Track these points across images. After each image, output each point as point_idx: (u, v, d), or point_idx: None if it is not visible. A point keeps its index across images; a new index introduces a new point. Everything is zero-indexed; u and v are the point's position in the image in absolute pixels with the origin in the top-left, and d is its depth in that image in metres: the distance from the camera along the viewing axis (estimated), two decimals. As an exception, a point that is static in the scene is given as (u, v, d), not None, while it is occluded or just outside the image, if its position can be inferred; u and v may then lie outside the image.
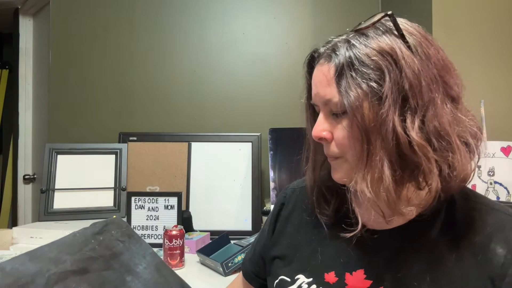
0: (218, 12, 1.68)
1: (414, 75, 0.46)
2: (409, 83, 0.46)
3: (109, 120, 1.66)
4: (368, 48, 0.47)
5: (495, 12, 1.21)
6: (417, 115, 0.46)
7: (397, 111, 0.46)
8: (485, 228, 0.49)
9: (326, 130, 0.52)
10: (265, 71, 1.66)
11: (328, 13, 1.68)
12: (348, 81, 0.47)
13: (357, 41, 0.48)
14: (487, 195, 1.18)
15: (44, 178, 1.38)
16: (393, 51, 0.47)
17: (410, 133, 0.45)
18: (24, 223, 2.04)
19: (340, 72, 0.48)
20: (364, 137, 0.47)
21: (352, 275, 0.53)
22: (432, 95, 0.46)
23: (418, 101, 0.46)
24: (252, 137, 1.53)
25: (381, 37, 0.48)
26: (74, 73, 1.68)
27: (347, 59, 0.48)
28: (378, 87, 0.46)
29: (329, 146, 0.53)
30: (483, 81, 1.19)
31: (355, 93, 0.46)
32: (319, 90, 0.52)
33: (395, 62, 0.46)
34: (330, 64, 0.50)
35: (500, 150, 1.20)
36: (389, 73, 0.46)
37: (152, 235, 1.31)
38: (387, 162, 0.46)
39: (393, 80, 0.46)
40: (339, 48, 0.49)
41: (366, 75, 0.46)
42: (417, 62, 0.47)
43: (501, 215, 0.50)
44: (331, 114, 0.52)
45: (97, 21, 1.68)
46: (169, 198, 1.33)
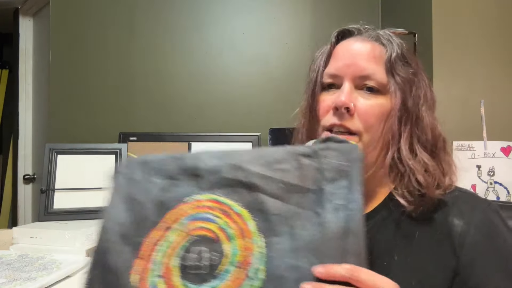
0: (218, 12, 1.68)
1: (427, 79, 0.57)
2: (429, 89, 0.57)
3: (109, 120, 1.65)
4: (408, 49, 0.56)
5: (495, 12, 1.21)
6: (435, 115, 0.55)
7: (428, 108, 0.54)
8: (443, 205, 0.52)
9: (352, 101, 0.52)
10: (265, 71, 1.66)
11: (328, 13, 1.68)
12: (398, 67, 0.53)
13: (397, 39, 0.57)
14: (487, 195, 1.18)
15: (44, 178, 1.38)
16: (420, 63, 0.57)
17: (437, 124, 0.54)
18: (24, 223, 2.04)
19: (392, 57, 0.53)
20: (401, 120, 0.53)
21: None
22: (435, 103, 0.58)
23: (433, 104, 0.56)
24: (252, 137, 1.52)
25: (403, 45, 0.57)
26: (74, 73, 1.68)
27: (396, 49, 0.54)
28: (417, 80, 0.54)
29: (350, 119, 0.53)
30: (483, 81, 1.19)
31: (405, 79, 0.53)
32: (359, 62, 0.53)
33: (422, 68, 0.57)
34: (379, 45, 0.55)
35: (500, 150, 1.20)
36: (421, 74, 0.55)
37: (152, 235, 1.32)
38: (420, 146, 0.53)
39: (424, 81, 0.55)
40: (390, 37, 0.56)
41: (409, 67, 0.54)
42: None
43: (455, 192, 0.53)
44: (358, 88, 0.54)
45: (97, 21, 1.68)
46: (169, 198, 1.33)
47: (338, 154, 0.42)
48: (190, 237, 0.42)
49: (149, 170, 0.46)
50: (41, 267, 0.98)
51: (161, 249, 0.42)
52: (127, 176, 0.47)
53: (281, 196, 0.41)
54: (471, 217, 0.50)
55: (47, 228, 1.19)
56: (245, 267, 0.39)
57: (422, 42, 1.25)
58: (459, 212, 0.50)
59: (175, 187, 0.45)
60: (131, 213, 0.45)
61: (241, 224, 0.41)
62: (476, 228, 0.49)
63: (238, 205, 0.42)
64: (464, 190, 0.54)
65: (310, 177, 0.42)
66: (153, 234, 0.43)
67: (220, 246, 0.40)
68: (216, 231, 0.41)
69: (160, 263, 0.41)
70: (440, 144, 0.54)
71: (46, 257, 1.06)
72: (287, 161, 0.44)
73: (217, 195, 0.43)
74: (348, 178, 0.41)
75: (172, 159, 0.46)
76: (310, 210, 0.40)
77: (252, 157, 0.44)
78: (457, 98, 1.18)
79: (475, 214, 0.50)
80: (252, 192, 0.42)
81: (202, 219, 0.42)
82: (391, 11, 1.59)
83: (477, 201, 0.52)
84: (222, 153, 0.46)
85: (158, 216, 0.44)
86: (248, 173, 0.43)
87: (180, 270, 0.41)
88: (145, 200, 0.45)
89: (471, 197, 0.53)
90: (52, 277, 0.92)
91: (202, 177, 0.44)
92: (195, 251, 0.41)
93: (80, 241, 1.12)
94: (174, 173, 0.45)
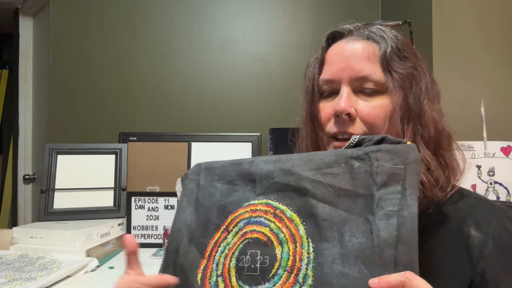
0: (218, 12, 1.68)
1: (429, 71, 0.54)
2: (429, 76, 0.54)
3: (109, 120, 1.65)
4: (405, 42, 0.53)
5: (495, 12, 1.21)
6: (439, 109, 0.53)
7: (431, 102, 0.52)
8: (457, 213, 0.51)
9: (352, 106, 0.51)
10: (265, 71, 1.66)
11: (328, 13, 1.68)
12: (395, 63, 0.50)
13: (392, 33, 0.54)
14: (487, 195, 1.18)
15: (44, 178, 1.38)
16: (418, 53, 0.54)
17: (441, 118, 0.52)
18: (24, 223, 2.04)
19: (388, 54, 0.51)
20: (404, 117, 0.50)
21: None
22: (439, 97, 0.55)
23: (436, 98, 0.54)
24: (252, 137, 1.53)
25: (404, 37, 0.55)
26: (74, 73, 1.68)
27: (391, 44, 0.51)
28: (416, 74, 0.51)
29: (353, 125, 0.51)
30: (483, 81, 1.19)
31: (403, 75, 0.50)
32: (354, 64, 0.51)
33: (422, 60, 0.53)
34: (372, 43, 0.52)
35: (500, 150, 1.19)
36: (421, 66, 0.52)
37: (152, 235, 1.31)
38: (424, 144, 0.50)
39: (425, 73, 0.52)
40: (378, 32, 0.53)
41: (407, 61, 0.51)
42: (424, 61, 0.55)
43: (470, 200, 0.52)
44: (356, 91, 0.52)
45: (97, 21, 1.68)
46: (169, 198, 1.33)
47: (392, 156, 0.40)
48: (246, 240, 0.44)
49: (212, 176, 0.49)
50: (41, 267, 0.98)
51: (221, 250, 0.44)
52: (195, 181, 0.51)
53: (331, 201, 0.41)
54: (489, 227, 0.48)
55: (47, 228, 1.19)
56: (294, 272, 0.39)
57: (422, 42, 1.25)
58: (476, 222, 0.49)
59: (234, 191, 0.47)
60: (197, 216, 0.48)
61: (292, 229, 0.42)
62: (494, 239, 0.48)
63: (289, 209, 0.43)
64: (479, 197, 0.53)
65: (361, 181, 0.40)
66: (216, 236, 0.46)
67: (273, 250, 0.41)
68: (269, 235, 0.42)
69: (220, 263, 0.44)
70: (443, 140, 0.52)
71: (46, 257, 1.07)
72: (338, 165, 0.42)
73: (271, 199, 0.44)
74: (402, 182, 0.39)
75: (231, 165, 0.49)
76: (361, 216, 0.39)
77: (303, 161, 0.44)
78: (457, 98, 1.18)
79: (493, 225, 0.49)
80: (303, 196, 0.42)
81: (257, 223, 0.44)
82: (391, 11, 1.59)
83: (494, 210, 0.51)
84: (275, 158, 0.47)
85: (220, 219, 0.46)
86: (298, 177, 0.43)
87: (236, 271, 0.42)
88: (210, 204, 0.48)
89: (488, 206, 0.52)
90: (52, 277, 0.92)
91: (258, 182, 0.46)
92: (250, 254, 0.42)
93: (80, 241, 1.12)
94: (233, 178, 0.48)
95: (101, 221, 1.28)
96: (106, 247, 1.23)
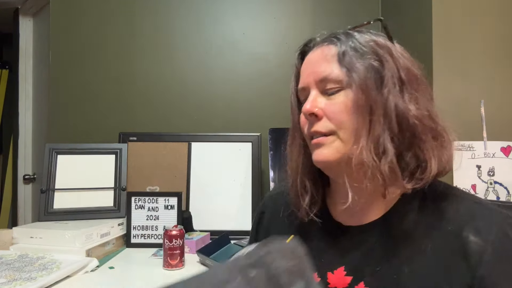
0: (218, 12, 1.68)
1: (406, 65, 0.52)
2: (405, 72, 0.52)
3: (109, 120, 1.66)
4: (366, 39, 0.53)
5: (495, 12, 1.21)
6: (413, 98, 0.51)
7: (398, 92, 0.51)
8: (457, 217, 0.51)
9: (317, 106, 0.54)
10: (265, 71, 1.66)
11: (328, 13, 1.68)
12: (352, 58, 0.52)
13: (356, 34, 0.55)
14: (487, 195, 1.18)
15: (44, 178, 1.38)
16: (388, 45, 0.54)
17: (410, 108, 0.50)
18: (24, 223, 2.04)
19: (343, 51, 0.53)
20: (365, 111, 0.51)
21: (333, 274, 0.54)
22: (419, 87, 0.53)
23: (412, 87, 0.52)
24: (252, 137, 1.53)
25: (374, 35, 0.55)
26: (74, 73, 1.68)
27: (349, 44, 0.53)
28: (379, 67, 0.51)
29: (320, 123, 0.54)
30: (483, 81, 1.19)
31: (360, 69, 0.51)
32: (315, 68, 0.55)
33: (390, 53, 0.52)
34: (330, 45, 0.55)
35: (500, 150, 1.20)
36: (386, 59, 0.52)
37: (152, 235, 1.31)
38: (389, 136, 0.50)
39: (392, 66, 0.51)
40: (341, 35, 0.55)
41: (367, 56, 0.52)
42: (406, 58, 0.54)
43: (471, 204, 0.52)
44: (323, 92, 0.55)
45: (97, 21, 1.68)
46: (169, 198, 1.33)
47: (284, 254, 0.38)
48: None
49: None
50: (41, 267, 0.98)
51: None
52: None
53: None
54: (489, 234, 0.48)
55: (47, 228, 1.19)
56: None
57: (422, 41, 1.25)
58: (476, 227, 0.49)
59: None
60: None
61: None
62: (493, 246, 0.47)
63: None
64: (479, 201, 0.52)
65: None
66: None
67: None
68: None
69: None
70: (420, 131, 0.50)
71: (46, 257, 1.07)
72: (234, 279, 0.37)
73: None
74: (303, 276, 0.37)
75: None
76: None
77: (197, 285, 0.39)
78: (457, 98, 1.18)
79: (493, 231, 0.48)
80: None
81: None
82: (391, 11, 1.59)
83: (494, 216, 0.50)
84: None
85: None
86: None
87: None
88: None
89: (488, 211, 0.51)
90: (52, 277, 0.92)
91: None
92: None
93: (80, 241, 1.12)
94: None
95: (101, 221, 1.28)
96: (106, 247, 1.23)
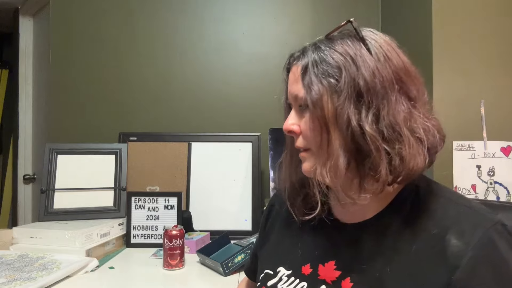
0: (218, 12, 1.68)
1: (369, 73, 0.51)
2: (364, 80, 0.50)
3: (109, 120, 1.66)
4: (332, 50, 0.53)
5: (495, 12, 1.21)
6: (371, 109, 0.50)
7: (352, 105, 0.50)
8: (445, 220, 0.50)
9: (295, 124, 0.58)
10: (265, 71, 1.66)
11: (328, 14, 1.67)
12: (311, 77, 0.53)
13: (323, 44, 0.55)
14: (487, 195, 1.18)
15: (44, 178, 1.38)
16: (352, 52, 0.52)
17: (363, 124, 0.49)
18: (24, 223, 2.04)
19: (305, 70, 0.55)
20: (323, 128, 0.52)
21: (324, 266, 0.57)
22: (386, 92, 0.51)
23: (372, 97, 0.50)
24: (252, 137, 1.53)
25: (344, 40, 0.54)
26: (74, 73, 1.68)
27: (311, 59, 0.54)
28: (335, 82, 0.51)
29: (299, 139, 0.58)
30: (483, 81, 1.19)
31: (316, 88, 0.52)
32: (290, 88, 0.59)
33: (353, 61, 0.51)
34: (298, 63, 0.57)
35: (500, 150, 1.20)
36: (346, 70, 0.51)
37: (152, 235, 1.31)
38: (342, 151, 0.50)
39: (349, 77, 0.51)
40: (307, 51, 0.57)
41: (326, 72, 0.52)
42: (374, 62, 0.51)
43: (461, 208, 0.51)
44: (299, 109, 0.58)
45: (97, 21, 1.68)
46: (169, 198, 1.33)
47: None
48: None
49: None
50: (41, 267, 0.98)
51: None
52: None
53: None
54: (471, 237, 0.47)
55: (47, 228, 1.19)
56: None
57: (422, 41, 1.25)
58: (460, 231, 0.48)
59: None
60: None
61: None
62: (474, 251, 0.46)
63: None
64: (470, 205, 0.51)
65: None
66: None
67: None
68: None
69: None
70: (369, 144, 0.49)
71: (46, 257, 1.07)
72: None
73: None
74: None
75: None
76: None
77: None
78: (457, 98, 1.18)
79: (476, 235, 0.47)
80: None
81: None
82: (391, 10, 1.59)
83: (481, 220, 0.49)
84: None
85: None
86: None
87: None
88: None
89: (475, 215, 0.50)
90: (52, 277, 0.92)
91: None
92: None
93: (80, 241, 1.12)
94: None
95: (101, 221, 1.28)
96: (106, 247, 1.23)
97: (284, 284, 0.59)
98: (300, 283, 0.58)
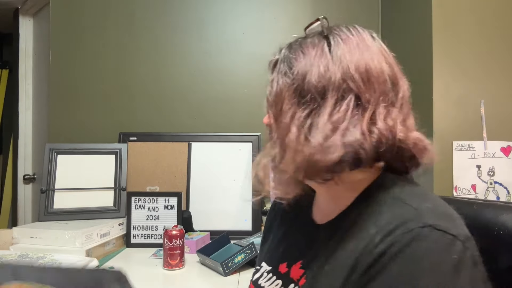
0: (218, 12, 1.68)
1: (318, 74, 0.49)
2: (308, 85, 0.50)
3: (109, 120, 1.66)
4: (295, 48, 0.55)
5: (495, 12, 1.21)
6: (312, 114, 0.49)
7: (293, 109, 0.51)
8: (384, 220, 0.46)
9: (266, 116, 0.59)
10: (265, 71, 1.66)
11: (328, 14, 1.67)
12: (272, 77, 0.57)
13: (294, 43, 0.57)
14: (487, 195, 1.18)
15: (44, 178, 1.38)
16: (313, 51, 0.52)
17: (292, 123, 0.50)
18: (24, 223, 2.04)
19: (272, 69, 0.59)
20: (273, 128, 0.55)
21: (295, 265, 0.58)
22: (324, 93, 0.49)
23: (313, 101, 0.50)
24: (252, 137, 1.53)
25: (312, 38, 0.55)
26: (74, 73, 1.68)
27: (277, 60, 0.58)
28: (285, 82, 0.53)
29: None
30: (483, 81, 1.19)
31: (270, 88, 0.56)
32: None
33: (304, 63, 0.52)
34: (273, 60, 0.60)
35: (500, 150, 1.20)
36: (296, 69, 0.52)
37: (152, 235, 1.31)
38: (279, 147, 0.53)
39: (296, 76, 0.51)
40: (281, 50, 0.60)
41: (282, 72, 0.54)
42: (325, 61, 0.50)
43: (405, 208, 0.46)
44: None
45: (97, 21, 1.68)
46: (169, 198, 1.33)
47: (116, 279, 0.46)
48: None
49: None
50: (41, 267, 0.98)
51: None
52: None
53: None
54: (388, 235, 0.43)
55: (47, 228, 1.19)
56: None
57: (422, 41, 1.25)
58: (388, 229, 0.43)
59: None
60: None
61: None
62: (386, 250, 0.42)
63: None
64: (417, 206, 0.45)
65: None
66: None
67: None
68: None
69: None
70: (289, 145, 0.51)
71: (46, 257, 1.07)
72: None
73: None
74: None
75: None
76: None
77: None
78: (457, 98, 1.18)
79: (395, 234, 0.42)
80: None
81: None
82: (391, 10, 1.59)
83: (412, 220, 0.43)
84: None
85: None
86: None
87: None
88: None
89: (412, 215, 0.44)
90: (52, 277, 0.92)
91: None
92: None
93: (80, 241, 1.12)
94: None
95: (101, 221, 1.28)
96: (106, 247, 1.23)
97: (263, 279, 0.61)
98: (276, 280, 0.59)
